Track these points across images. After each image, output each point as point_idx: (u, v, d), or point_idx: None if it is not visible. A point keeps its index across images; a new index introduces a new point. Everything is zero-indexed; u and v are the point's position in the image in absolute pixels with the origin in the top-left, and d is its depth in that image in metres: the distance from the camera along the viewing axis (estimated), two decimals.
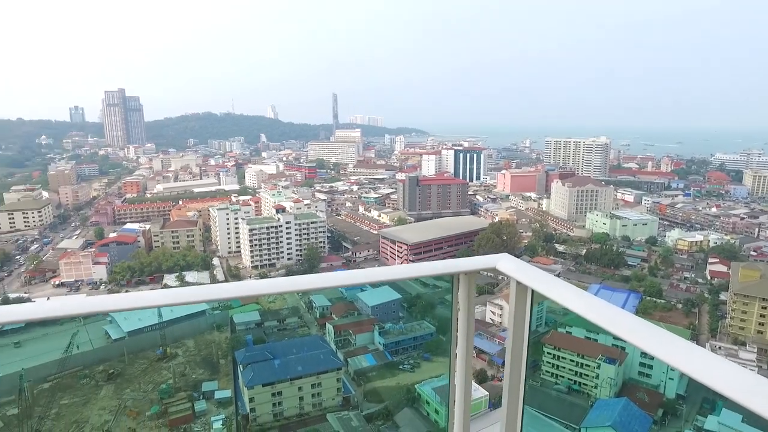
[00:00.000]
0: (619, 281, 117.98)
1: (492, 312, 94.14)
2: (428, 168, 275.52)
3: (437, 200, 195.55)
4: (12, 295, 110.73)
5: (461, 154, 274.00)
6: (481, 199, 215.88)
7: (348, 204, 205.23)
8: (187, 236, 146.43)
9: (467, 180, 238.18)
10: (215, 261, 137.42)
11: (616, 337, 2.82)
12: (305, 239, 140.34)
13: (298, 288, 4.86)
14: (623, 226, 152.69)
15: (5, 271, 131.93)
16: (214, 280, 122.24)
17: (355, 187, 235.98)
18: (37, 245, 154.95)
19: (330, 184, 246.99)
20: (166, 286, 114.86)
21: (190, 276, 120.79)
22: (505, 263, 3.97)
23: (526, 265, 3.87)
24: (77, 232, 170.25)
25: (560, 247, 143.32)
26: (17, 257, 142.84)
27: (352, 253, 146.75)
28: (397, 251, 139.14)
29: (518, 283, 3.78)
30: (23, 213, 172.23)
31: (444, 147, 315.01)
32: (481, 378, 63.45)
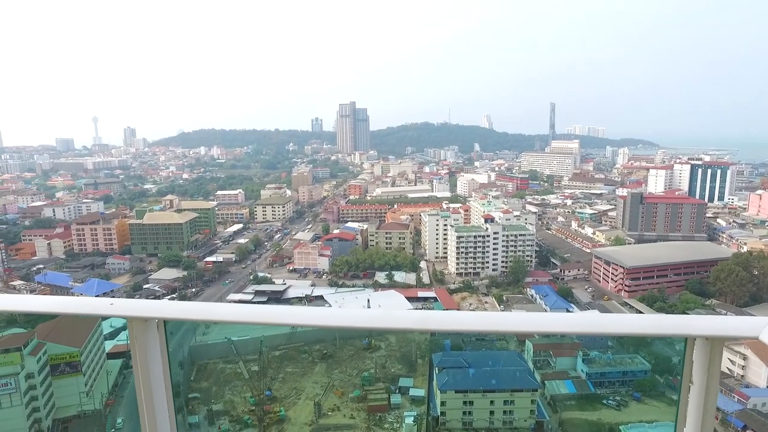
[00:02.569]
0: None
1: (731, 361, 78.18)
2: (656, 184, 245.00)
3: (664, 221, 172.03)
4: (260, 274, 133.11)
5: (699, 170, 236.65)
6: (723, 223, 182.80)
7: (560, 218, 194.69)
8: (399, 238, 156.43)
9: (705, 200, 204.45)
10: (422, 264, 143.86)
11: None
12: (512, 251, 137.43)
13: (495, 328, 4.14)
14: None
15: (257, 253, 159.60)
16: (419, 282, 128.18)
17: (569, 201, 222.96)
18: (279, 235, 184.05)
19: (542, 197, 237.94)
20: (376, 283, 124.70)
21: (398, 276, 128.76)
22: None
23: None
24: (309, 226, 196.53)
25: None
26: (265, 243, 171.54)
27: (561, 271, 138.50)
28: (612, 274, 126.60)
29: None
30: (272, 207, 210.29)
31: (677, 161, 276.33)
32: None
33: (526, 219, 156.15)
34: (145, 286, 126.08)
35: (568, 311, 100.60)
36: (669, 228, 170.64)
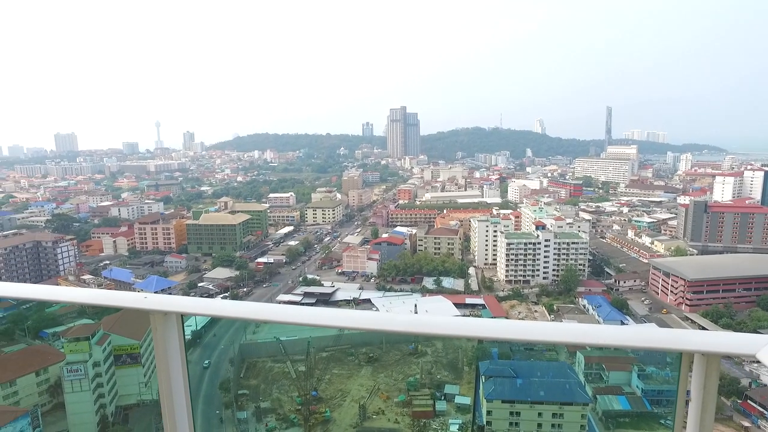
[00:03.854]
0: None
1: None
2: (722, 192, 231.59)
3: (732, 231, 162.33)
4: (309, 276, 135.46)
5: None
6: None
7: (615, 227, 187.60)
8: (448, 244, 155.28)
9: None
10: (471, 270, 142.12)
11: None
12: (564, 259, 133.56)
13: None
14: None
15: (307, 255, 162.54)
16: (468, 288, 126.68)
17: (625, 209, 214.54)
18: (329, 238, 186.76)
19: (596, 204, 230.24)
20: (424, 288, 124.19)
21: (446, 282, 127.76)
22: None
23: None
24: (358, 229, 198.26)
25: None
26: (315, 246, 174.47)
27: (615, 281, 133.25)
28: (672, 286, 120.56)
29: None
30: (322, 210, 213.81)
31: (748, 167, 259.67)
32: None
33: (579, 226, 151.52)
34: (199, 285, 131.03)
35: (622, 323, 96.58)
36: (737, 239, 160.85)
